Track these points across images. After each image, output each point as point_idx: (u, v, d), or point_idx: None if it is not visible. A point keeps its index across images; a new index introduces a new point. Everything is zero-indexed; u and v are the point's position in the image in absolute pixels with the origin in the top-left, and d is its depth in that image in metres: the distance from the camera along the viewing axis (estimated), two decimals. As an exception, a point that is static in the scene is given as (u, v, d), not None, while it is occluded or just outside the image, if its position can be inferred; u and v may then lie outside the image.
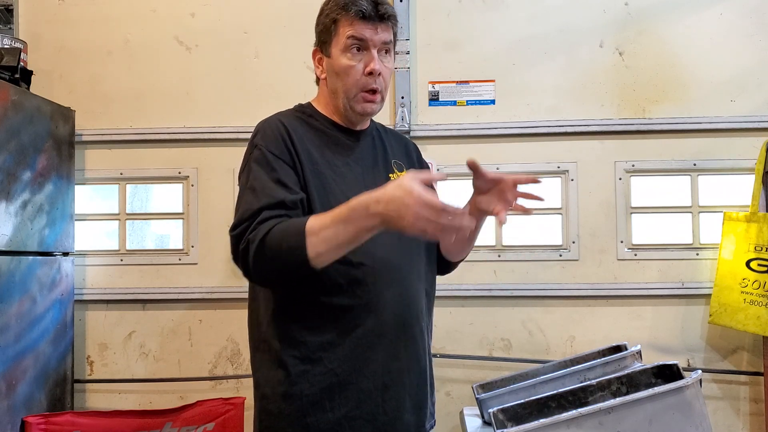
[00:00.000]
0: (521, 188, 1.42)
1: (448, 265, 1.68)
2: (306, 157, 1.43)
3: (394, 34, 1.50)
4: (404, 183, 1.20)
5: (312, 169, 1.42)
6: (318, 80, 1.56)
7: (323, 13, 1.49)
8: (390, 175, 1.53)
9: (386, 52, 1.48)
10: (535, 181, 1.41)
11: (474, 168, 1.40)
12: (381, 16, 1.44)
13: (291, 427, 1.37)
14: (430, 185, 1.25)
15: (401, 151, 1.63)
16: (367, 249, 1.38)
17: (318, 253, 1.27)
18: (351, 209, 1.25)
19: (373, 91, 1.46)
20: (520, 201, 1.43)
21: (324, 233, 1.26)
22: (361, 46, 1.44)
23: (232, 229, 1.36)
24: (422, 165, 1.68)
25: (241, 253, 1.32)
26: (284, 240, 1.27)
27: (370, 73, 1.44)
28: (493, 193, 1.44)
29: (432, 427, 1.54)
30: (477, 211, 1.46)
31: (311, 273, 1.30)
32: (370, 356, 1.39)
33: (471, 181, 1.45)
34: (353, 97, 1.47)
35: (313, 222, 1.28)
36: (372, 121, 1.60)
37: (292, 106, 1.58)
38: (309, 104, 1.57)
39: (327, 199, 1.40)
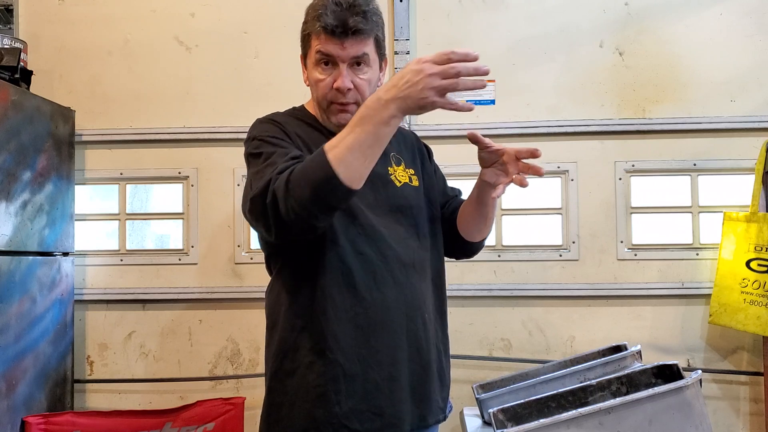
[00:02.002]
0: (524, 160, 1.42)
1: (470, 246, 1.65)
2: (302, 146, 1.43)
3: (377, 39, 1.45)
4: (409, 62, 1.19)
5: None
6: None
7: (303, 21, 1.48)
8: (388, 168, 1.52)
9: (360, 64, 1.43)
10: (535, 154, 1.38)
11: (474, 140, 1.41)
12: (346, 31, 1.39)
13: (299, 419, 1.37)
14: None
15: (400, 144, 1.61)
16: (368, 238, 1.40)
17: (344, 163, 1.20)
18: (364, 107, 1.23)
19: (344, 104, 1.44)
20: (522, 173, 1.42)
21: (343, 142, 1.21)
22: (329, 60, 1.42)
23: (253, 193, 1.29)
24: (422, 153, 1.67)
25: (270, 206, 1.25)
26: (307, 167, 1.23)
27: (339, 89, 1.42)
28: (497, 165, 1.44)
29: (439, 422, 1.53)
30: (485, 185, 1.46)
31: (347, 194, 1.24)
32: (375, 346, 1.39)
33: (477, 154, 1.45)
34: (327, 108, 1.46)
35: (330, 140, 1.25)
36: None
37: (291, 107, 1.58)
38: (302, 107, 1.58)
39: None
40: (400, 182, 1.53)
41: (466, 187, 2.54)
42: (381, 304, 1.40)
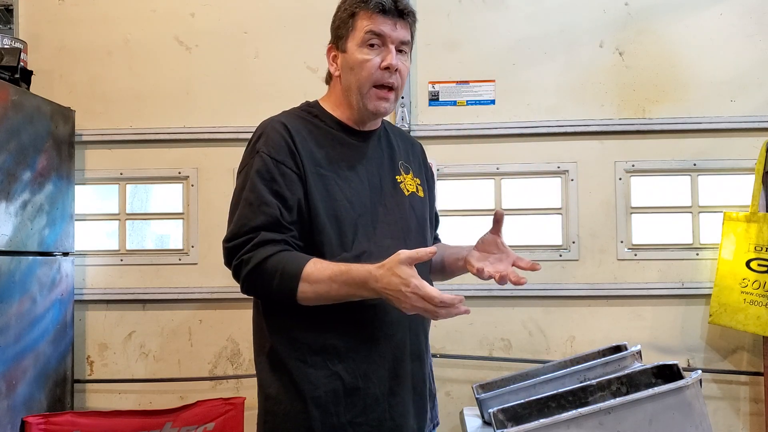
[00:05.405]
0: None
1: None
2: (309, 160, 1.39)
3: (412, 35, 1.48)
4: (401, 272, 1.21)
5: (315, 172, 1.39)
6: (328, 79, 1.53)
7: (341, 8, 1.46)
8: (396, 176, 1.51)
9: (403, 52, 1.45)
10: (534, 269, 1.45)
11: (500, 220, 1.46)
12: (400, 12, 1.42)
13: (296, 428, 1.36)
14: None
15: (408, 153, 1.60)
16: (367, 250, 1.38)
17: (306, 299, 1.32)
18: (351, 276, 1.28)
19: (389, 88, 1.42)
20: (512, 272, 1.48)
21: (317, 286, 1.29)
22: (379, 41, 1.41)
23: (227, 240, 1.37)
24: (427, 168, 1.66)
25: (233, 268, 1.36)
26: (278, 275, 1.31)
27: (387, 68, 1.40)
28: (491, 257, 1.49)
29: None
30: (468, 265, 1.50)
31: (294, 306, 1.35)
32: (377, 360, 1.38)
33: (481, 236, 1.50)
34: (366, 93, 1.42)
35: (311, 269, 1.30)
36: (382, 120, 1.56)
37: (291, 107, 1.54)
38: (316, 102, 1.53)
39: (330, 204, 1.38)
40: (408, 191, 1.52)
41: (465, 188, 2.54)
42: (385, 318, 1.39)
